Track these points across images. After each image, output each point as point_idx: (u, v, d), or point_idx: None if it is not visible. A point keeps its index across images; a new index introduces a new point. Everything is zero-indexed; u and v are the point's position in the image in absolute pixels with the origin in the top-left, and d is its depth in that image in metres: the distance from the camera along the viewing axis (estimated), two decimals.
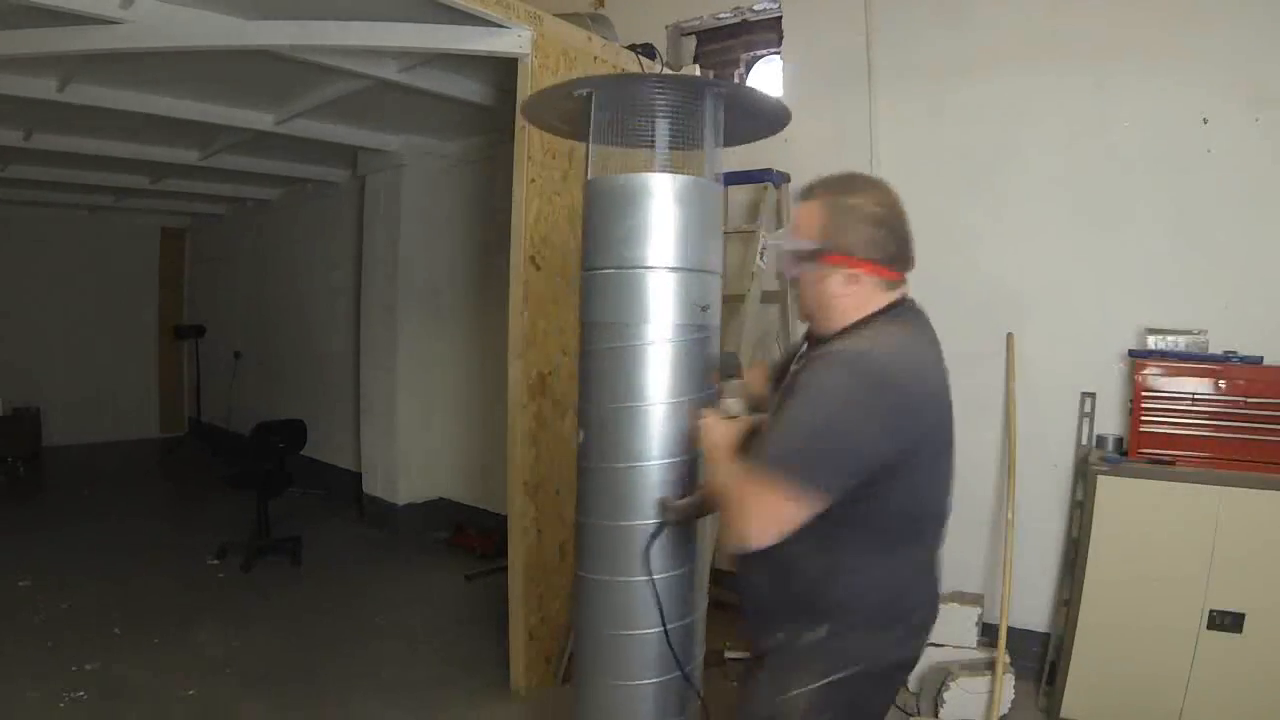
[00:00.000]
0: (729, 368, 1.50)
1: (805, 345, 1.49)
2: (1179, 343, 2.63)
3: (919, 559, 1.40)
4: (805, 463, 1.22)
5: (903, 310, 1.38)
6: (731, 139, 1.60)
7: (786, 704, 1.34)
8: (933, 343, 1.38)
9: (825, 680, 1.33)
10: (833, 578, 1.33)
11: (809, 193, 1.40)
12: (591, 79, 1.49)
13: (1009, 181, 3.05)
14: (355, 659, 3.19)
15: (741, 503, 1.24)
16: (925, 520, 1.39)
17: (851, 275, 1.34)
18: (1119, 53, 2.81)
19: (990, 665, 2.68)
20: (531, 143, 2.80)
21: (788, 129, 1.75)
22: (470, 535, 4.62)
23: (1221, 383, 2.50)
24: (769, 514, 1.22)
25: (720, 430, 1.41)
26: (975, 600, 2.90)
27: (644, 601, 1.45)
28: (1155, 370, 2.58)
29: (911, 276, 1.41)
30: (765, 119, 1.61)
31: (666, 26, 3.92)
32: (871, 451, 1.23)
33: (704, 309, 1.43)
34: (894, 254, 1.36)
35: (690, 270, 1.43)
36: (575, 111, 1.53)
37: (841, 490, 1.22)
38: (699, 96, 1.45)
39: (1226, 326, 2.63)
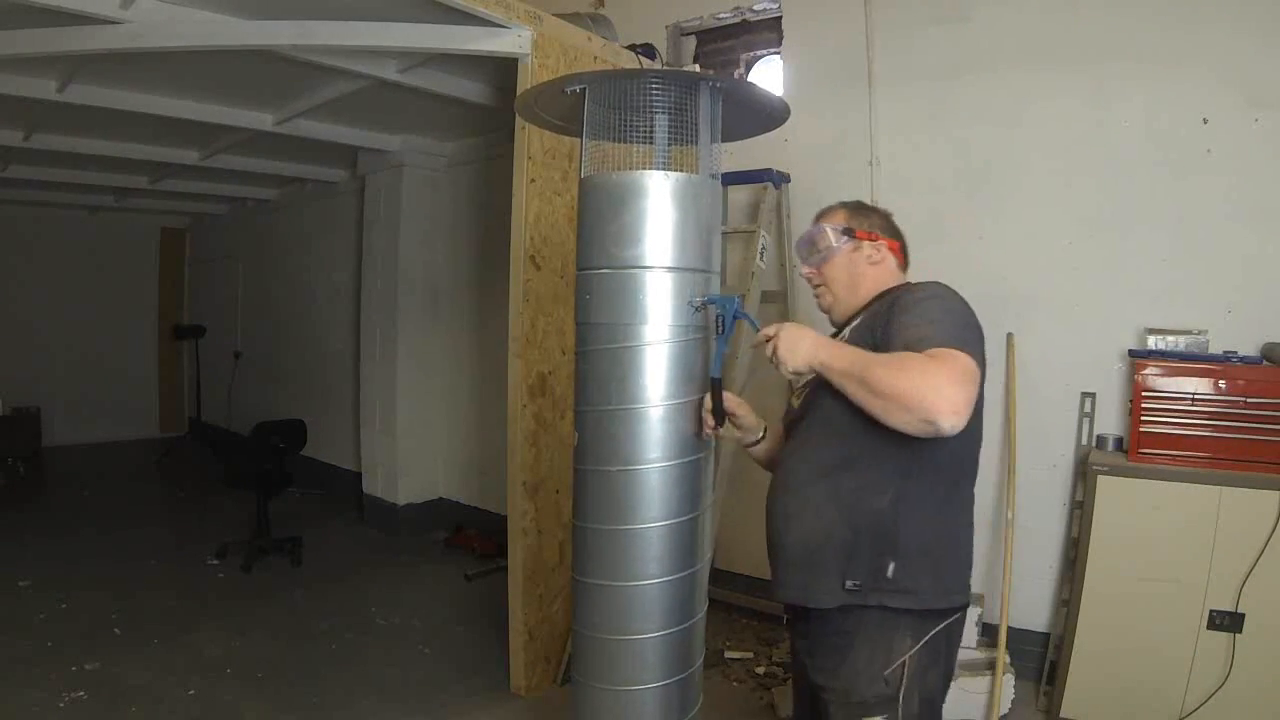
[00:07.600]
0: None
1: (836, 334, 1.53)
2: (1179, 343, 2.62)
3: (967, 503, 1.45)
4: (973, 338, 1.28)
5: None
6: (730, 135, 1.59)
7: (894, 675, 1.33)
8: None
9: (927, 638, 1.34)
10: (903, 507, 1.34)
11: (827, 209, 1.60)
12: (583, 75, 1.47)
13: (1009, 181, 3.04)
14: (355, 659, 3.19)
15: (935, 379, 1.17)
16: (971, 462, 1.44)
17: (879, 248, 1.54)
18: (1118, 53, 2.81)
19: (990, 665, 2.67)
20: (531, 143, 2.80)
21: (787, 129, 1.74)
22: (470, 535, 4.62)
23: (1221, 383, 2.49)
24: (967, 388, 1.19)
25: (809, 330, 1.35)
26: (975, 600, 2.89)
27: (642, 605, 1.44)
28: (1155, 370, 2.57)
29: (911, 276, 1.60)
30: (764, 115, 1.60)
31: (666, 27, 3.92)
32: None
33: (696, 308, 1.41)
34: (902, 245, 1.59)
35: (687, 270, 1.41)
36: (573, 109, 1.52)
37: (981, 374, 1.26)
38: (693, 91, 1.44)
39: (1226, 326, 2.63)
